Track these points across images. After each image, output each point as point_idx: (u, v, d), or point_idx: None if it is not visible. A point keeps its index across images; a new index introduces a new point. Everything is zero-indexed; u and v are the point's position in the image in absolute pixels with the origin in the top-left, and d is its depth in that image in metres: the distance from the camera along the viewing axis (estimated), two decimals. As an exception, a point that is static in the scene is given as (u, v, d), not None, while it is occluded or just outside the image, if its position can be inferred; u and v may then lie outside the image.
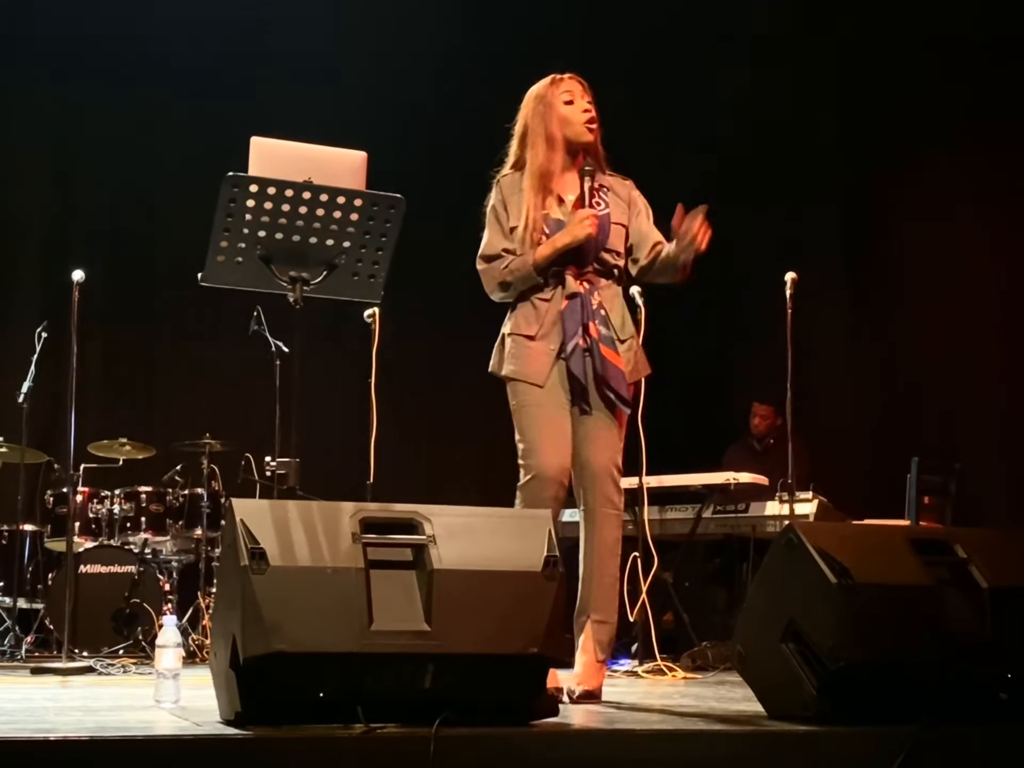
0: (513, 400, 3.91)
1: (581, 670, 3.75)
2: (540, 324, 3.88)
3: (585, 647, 3.78)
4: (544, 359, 3.86)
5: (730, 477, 6.18)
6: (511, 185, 3.96)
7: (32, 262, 7.75)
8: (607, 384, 3.81)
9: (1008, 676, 3.02)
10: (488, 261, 3.94)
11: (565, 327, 3.83)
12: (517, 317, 3.94)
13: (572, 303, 3.85)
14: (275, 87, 7.76)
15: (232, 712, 2.68)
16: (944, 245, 6.97)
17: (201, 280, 3.79)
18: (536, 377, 3.86)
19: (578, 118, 3.91)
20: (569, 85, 3.94)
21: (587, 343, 3.82)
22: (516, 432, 3.89)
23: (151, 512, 6.56)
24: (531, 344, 3.88)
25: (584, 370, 3.82)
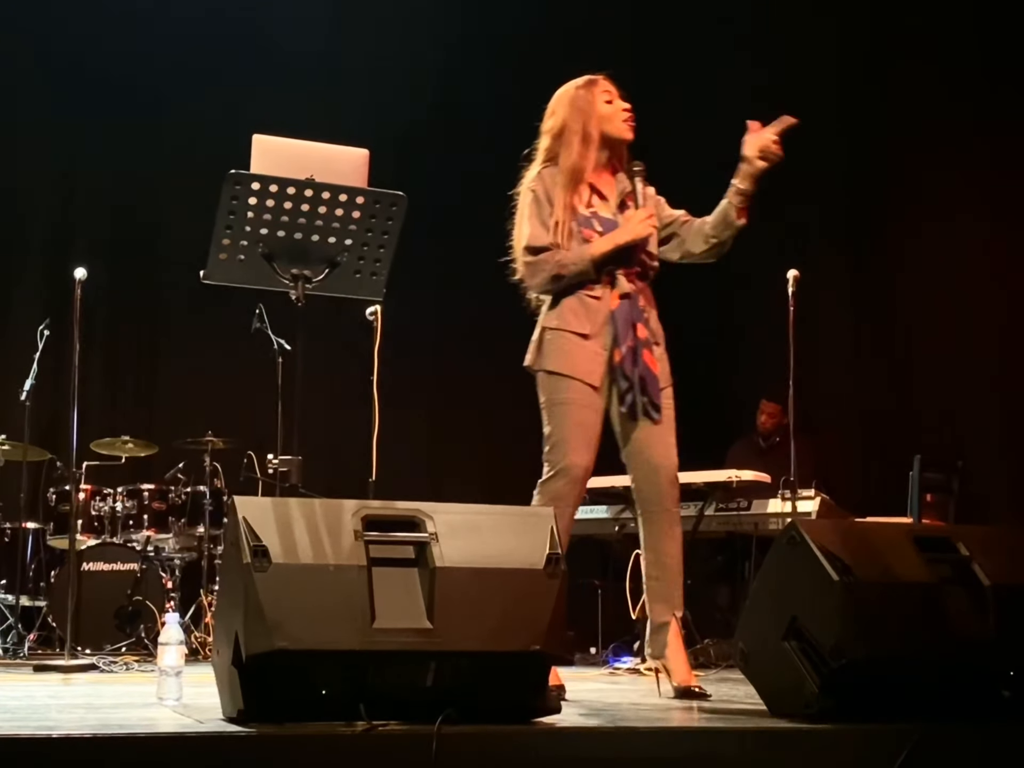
0: (550, 395, 3.87)
1: (684, 666, 3.82)
2: (592, 323, 3.86)
3: (676, 644, 3.84)
4: (598, 359, 3.85)
5: (732, 475, 6.17)
6: (552, 177, 3.93)
7: (34, 260, 7.75)
8: (644, 389, 3.84)
9: (1011, 674, 3.02)
10: (535, 253, 3.88)
11: (618, 327, 3.83)
12: (564, 313, 3.89)
13: (623, 303, 3.86)
14: (277, 84, 7.75)
15: (235, 710, 2.68)
16: (946, 242, 6.97)
17: (203, 278, 3.79)
18: (589, 376, 3.84)
19: (619, 116, 3.93)
20: (605, 85, 3.98)
21: (634, 344, 3.84)
22: (546, 427, 3.87)
23: (153, 510, 6.56)
24: (584, 343, 3.85)
25: (633, 373, 3.83)
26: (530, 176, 3.98)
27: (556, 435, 3.83)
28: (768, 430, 7.30)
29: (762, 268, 6.77)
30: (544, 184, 3.92)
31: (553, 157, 3.97)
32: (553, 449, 3.83)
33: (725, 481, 6.19)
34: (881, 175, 7.42)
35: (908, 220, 7.25)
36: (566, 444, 3.81)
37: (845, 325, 7.61)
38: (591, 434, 3.84)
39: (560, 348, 3.86)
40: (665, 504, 3.87)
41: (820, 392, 7.25)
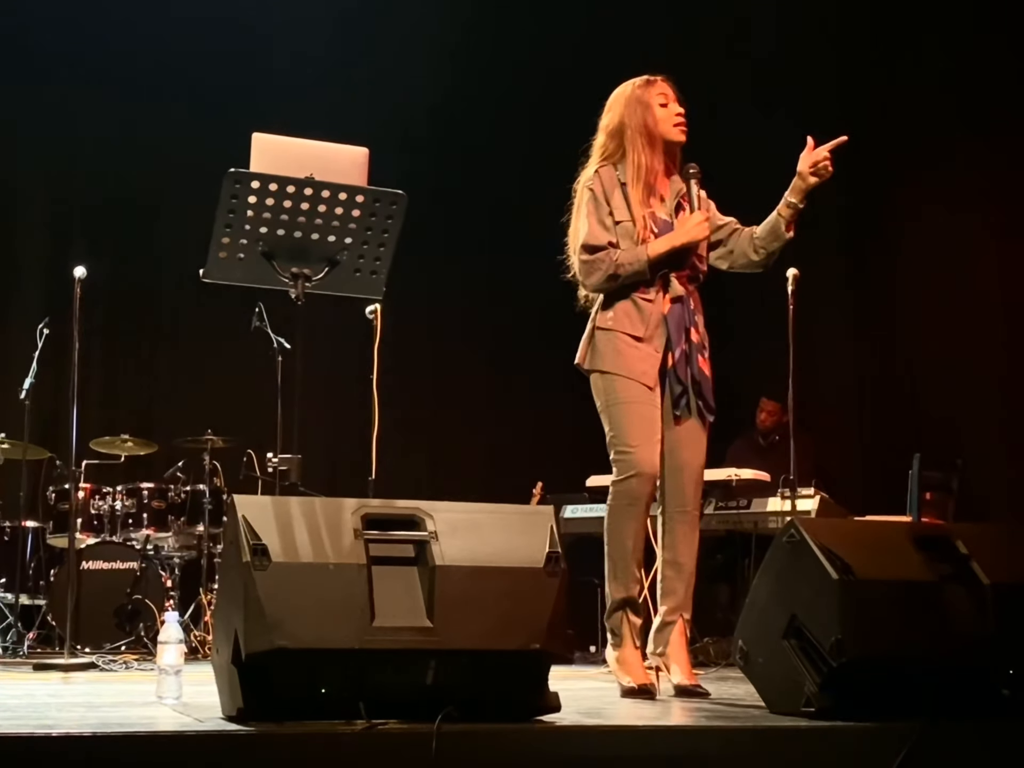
0: (609, 396, 3.89)
1: (684, 666, 3.85)
2: (646, 325, 3.89)
3: (679, 643, 3.88)
4: (652, 360, 3.88)
5: (732, 473, 6.17)
6: (611, 178, 3.94)
7: (34, 259, 7.75)
8: (700, 392, 3.90)
9: (1010, 672, 3.02)
10: (592, 252, 3.90)
11: (671, 331, 3.88)
12: (617, 314, 3.91)
13: (675, 307, 3.90)
14: (277, 83, 7.76)
15: (234, 708, 2.68)
16: (947, 241, 6.97)
17: (203, 276, 3.79)
18: (645, 378, 3.86)
19: (672, 120, 3.95)
20: (662, 88, 3.99)
21: (688, 348, 3.89)
22: (608, 429, 3.89)
23: (153, 508, 6.56)
24: (639, 345, 3.89)
25: (687, 376, 3.89)
26: (587, 174, 4.00)
27: (621, 436, 3.85)
28: (768, 428, 7.30)
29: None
30: (602, 183, 3.93)
31: (609, 155, 3.98)
32: (622, 451, 3.85)
33: (725, 480, 6.18)
34: (882, 174, 7.42)
35: (908, 219, 7.25)
36: (633, 443, 3.83)
37: (844, 323, 7.60)
38: (655, 429, 3.87)
39: (615, 349, 3.89)
40: (685, 505, 3.92)
41: (820, 390, 7.25)
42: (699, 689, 3.77)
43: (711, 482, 6.21)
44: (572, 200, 4.04)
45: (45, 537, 6.53)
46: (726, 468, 6.35)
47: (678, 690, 3.78)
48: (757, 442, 7.32)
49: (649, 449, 3.84)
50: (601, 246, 3.88)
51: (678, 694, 3.76)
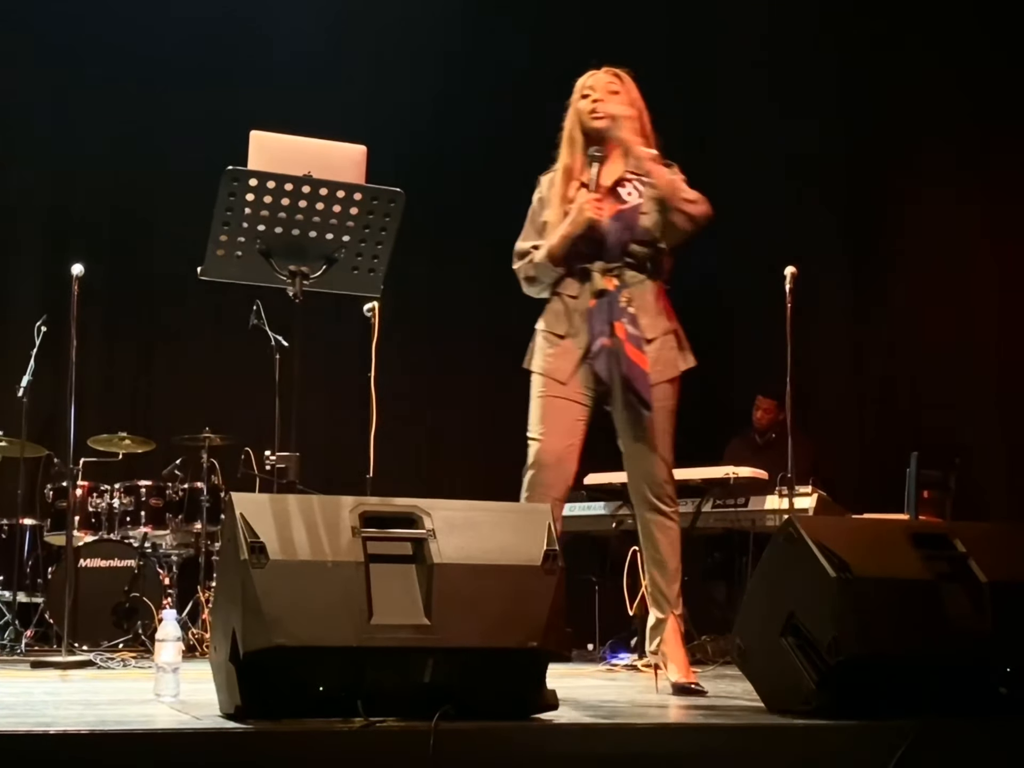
0: (533, 390, 3.94)
1: (680, 664, 3.84)
2: (569, 322, 3.90)
3: (674, 641, 3.86)
4: (572, 357, 3.89)
5: (729, 471, 6.17)
6: (548, 183, 4.01)
7: (31, 256, 7.74)
8: (630, 386, 3.82)
9: (1008, 670, 3.02)
10: (520, 258, 3.98)
11: (592, 326, 3.84)
12: (548, 314, 3.97)
13: (599, 302, 3.86)
14: (275, 81, 7.75)
15: (232, 706, 2.68)
16: (945, 239, 6.97)
17: (201, 274, 3.79)
18: (560, 374, 3.89)
19: (587, 109, 3.94)
20: (593, 80, 3.99)
21: (614, 343, 3.82)
22: (529, 424, 3.93)
23: (151, 506, 6.55)
24: (561, 342, 3.91)
25: (609, 371, 3.82)
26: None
27: (531, 426, 3.91)
28: (764, 426, 7.30)
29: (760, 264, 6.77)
30: (541, 191, 4.02)
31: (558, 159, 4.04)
32: (528, 439, 3.89)
33: (722, 478, 6.18)
34: (880, 171, 7.42)
35: (907, 216, 7.26)
36: (536, 432, 3.87)
37: (843, 321, 7.61)
38: (563, 422, 3.85)
39: (540, 348, 3.96)
40: (654, 502, 3.88)
41: (817, 388, 7.25)
42: (696, 687, 3.77)
43: (709, 480, 6.23)
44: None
45: (43, 535, 6.53)
46: (724, 466, 6.35)
47: (676, 688, 3.78)
48: (754, 440, 7.32)
49: (555, 439, 3.84)
50: (524, 251, 3.96)
51: (676, 692, 3.76)
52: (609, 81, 3.98)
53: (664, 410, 3.89)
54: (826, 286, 7.36)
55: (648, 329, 3.88)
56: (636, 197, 3.91)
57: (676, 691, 3.76)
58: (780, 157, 7.64)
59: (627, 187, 3.92)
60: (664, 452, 3.89)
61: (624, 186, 3.92)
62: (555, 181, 3.97)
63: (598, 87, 3.97)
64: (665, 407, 3.89)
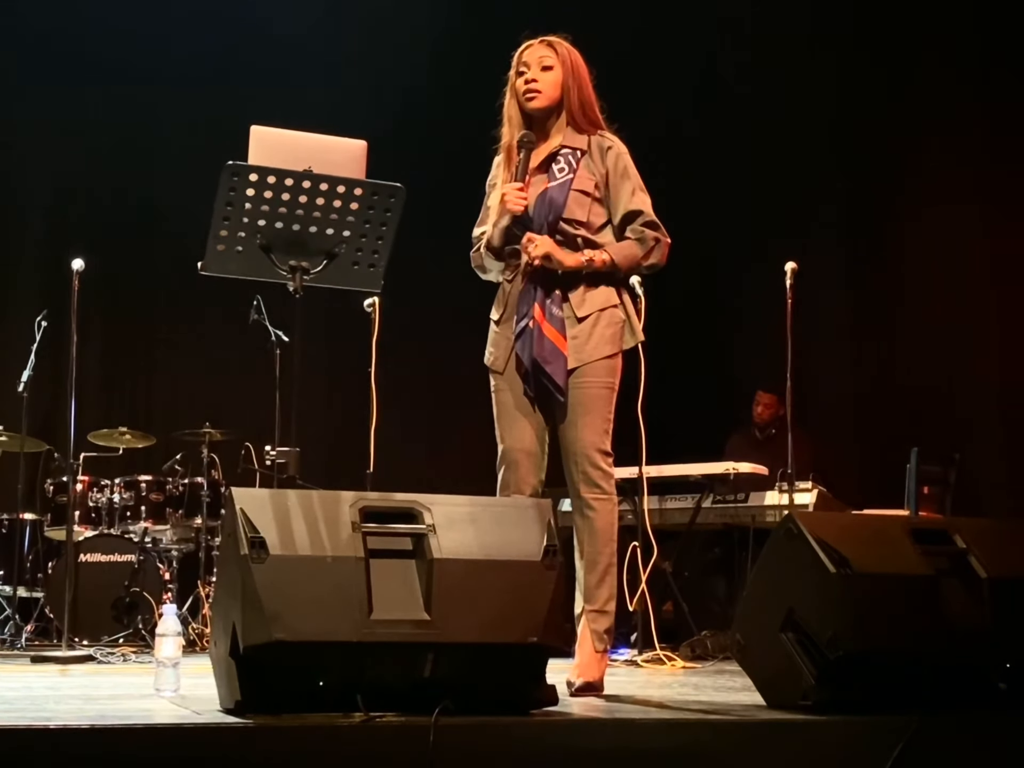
0: (490, 385, 3.92)
1: (579, 661, 3.65)
2: (504, 308, 3.85)
3: (582, 636, 3.68)
4: (504, 343, 3.83)
5: (729, 467, 6.18)
6: (496, 167, 3.93)
7: (32, 251, 7.75)
8: (540, 369, 3.69)
9: (1007, 666, 3.02)
10: (473, 249, 3.93)
11: (517, 309, 3.78)
12: (494, 301, 3.92)
13: (528, 284, 3.77)
14: (275, 76, 7.75)
15: (232, 701, 2.68)
16: (946, 235, 6.97)
17: (201, 269, 3.79)
18: (496, 364, 3.85)
19: (521, 90, 3.83)
20: (528, 54, 3.85)
21: (529, 324, 3.72)
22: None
23: (151, 501, 6.56)
24: (496, 329, 3.87)
25: (525, 354, 3.73)
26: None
27: (496, 425, 3.88)
28: (764, 421, 7.30)
29: (760, 260, 6.77)
30: (491, 176, 3.95)
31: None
32: (498, 440, 3.87)
33: (722, 473, 6.20)
34: (880, 166, 7.42)
35: (907, 212, 7.26)
36: (497, 431, 3.85)
37: (843, 317, 7.61)
38: (513, 416, 3.81)
39: (488, 339, 3.91)
40: (579, 489, 3.71)
41: (818, 384, 7.26)
42: (594, 686, 3.57)
43: (709, 475, 6.24)
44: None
45: (43, 529, 6.54)
46: (724, 462, 6.36)
47: (572, 688, 3.56)
48: (754, 436, 7.33)
49: (509, 437, 3.82)
50: (476, 238, 3.91)
51: (574, 692, 3.54)
52: (542, 56, 3.83)
53: (596, 387, 3.73)
54: (826, 282, 7.36)
55: (580, 307, 3.75)
56: (567, 172, 3.78)
57: (573, 690, 3.54)
58: (780, 153, 7.64)
59: (560, 161, 3.80)
60: (592, 434, 3.71)
61: (557, 161, 3.80)
62: (500, 163, 3.88)
63: (532, 62, 3.83)
64: (596, 384, 3.73)
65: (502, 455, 3.83)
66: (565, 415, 3.73)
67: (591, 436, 3.71)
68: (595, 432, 3.72)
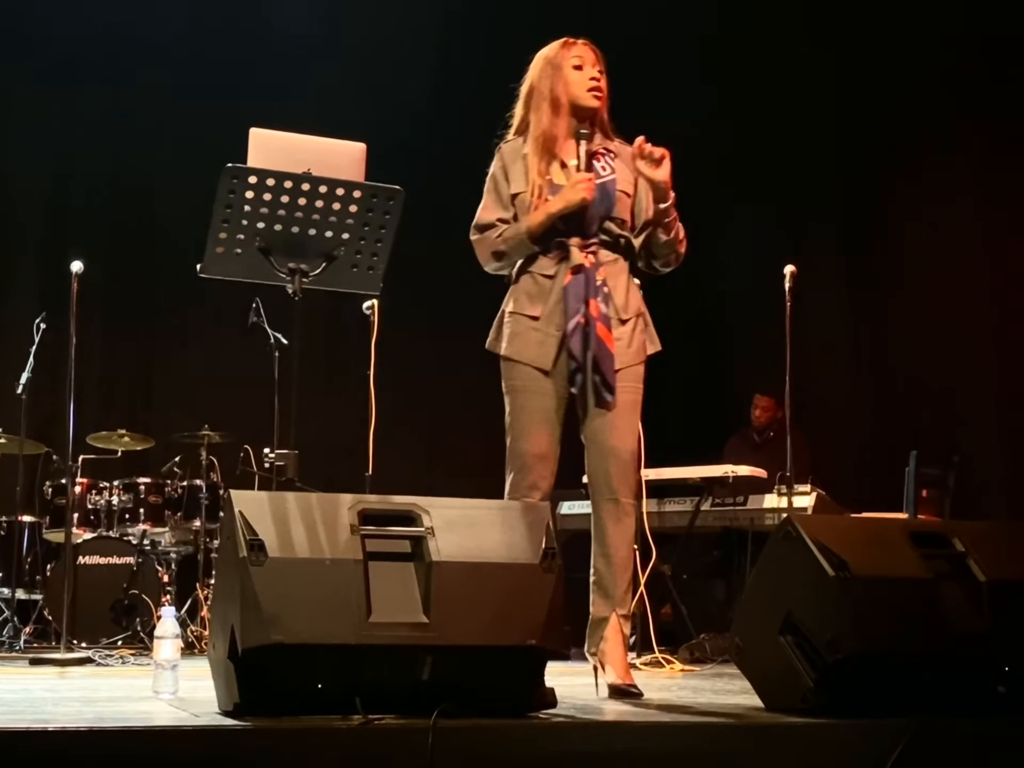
0: (508, 381, 3.74)
1: (619, 664, 3.62)
2: (544, 303, 3.69)
3: (615, 640, 3.65)
4: (550, 341, 3.68)
5: (728, 470, 6.18)
6: (512, 152, 3.78)
7: (31, 253, 7.75)
8: (596, 367, 3.64)
9: (1006, 669, 3.02)
10: (481, 231, 3.75)
11: (568, 304, 3.65)
12: (519, 294, 3.75)
13: (576, 278, 3.66)
14: (274, 78, 7.76)
15: (230, 703, 2.68)
16: (942, 238, 6.98)
17: (200, 271, 3.79)
18: (541, 361, 3.68)
19: (585, 84, 3.75)
20: (581, 51, 3.79)
21: (585, 321, 3.64)
22: (507, 415, 3.74)
23: (150, 503, 6.56)
24: (535, 325, 3.70)
25: (581, 350, 3.64)
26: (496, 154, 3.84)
27: (511, 424, 3.71)
28: (762, 424, 7.31)
29: (759, 263, 6.77)
30: (503, 160, 3.79)
31: (519, 124, 3.83)
32: (510, 439, 3.71)
33: (721, 476, 6.19)
34: (878, 169, 7.43)
35: (906, 214, 7.26)
36: (517, 432, 3.69)
37: (841, 319, 7.61)
38: (542, 419, 3.68)
39: (514, 332, 3.73)
40: (613, 493, 3.67)
41: (817, 387, 7.26)
42: (633, 689, 3.56)
43: (708, 478, 6.24)
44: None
45: (42, 532, 6.54)
46: (722, 465, 6.36)
47: (612, 690, 3.59)
48: (752, 439, 7.33)
49: (534, 439, 3.66)
50: (488, 223, 3.73)
51: (612, 694, 3.57)
52: (595, 58, 3.80)
53: (632, 392, 3.72)
54: (825, 285, 7.36)
55: (622, 310, 3.74)
56: (609, 172, 3.75)
57: (612, 693, 3.58)
58: (779, 155, 7.65)
59: (600, 161, 3.77)
60: (631, 439, 3.70)
61: (599, 159, 3.77)
62: (528, 150, 3.75)
63: (588, 60, 3.78)
64: (633, 389, 3.73)
65: (517, 457, 3.69)
66: (603, 418, 3.68)
67: (631, 441, 3.71)
68: (633, 437, 3.72)
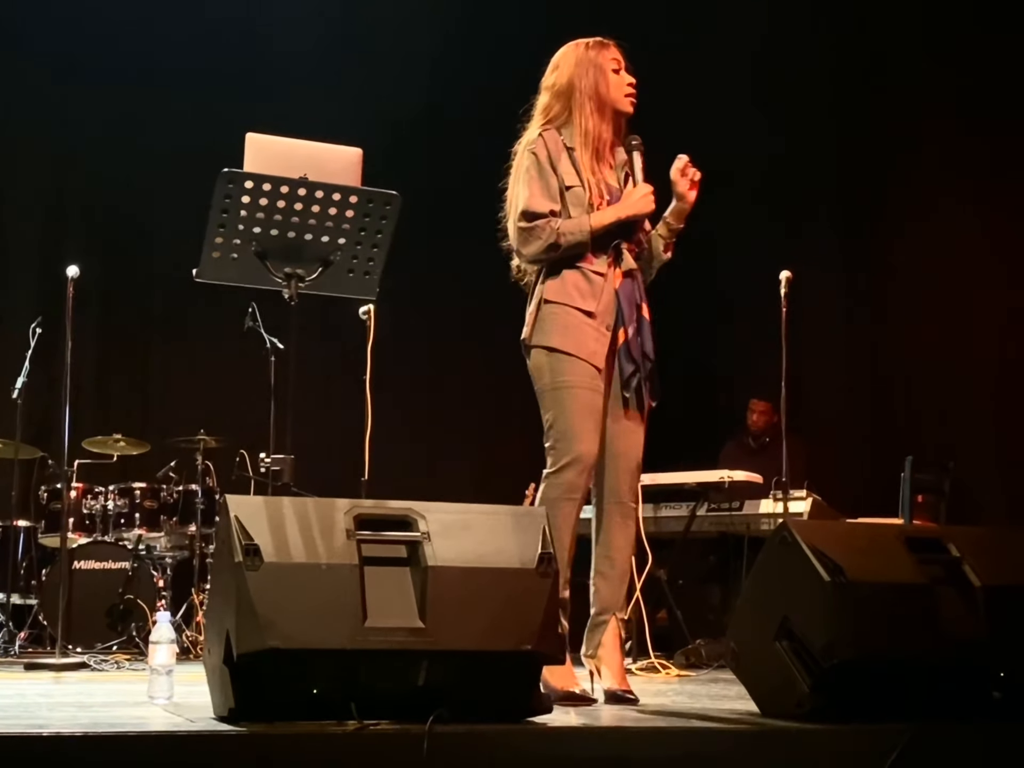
0: (554, 377, 3.64)
1: (615, 668, 3.64)
2: (597, 300, 3.64)
3: (612, 645, 3.66)
4: (603, 339, 3.64)
5: (724, 475, 6.18)
6: (556, 142, 3.72)
7: (26, 258, 7.74)
8: (649, 373, 3.67)
9: (1001, 675, 3.02)
10: (531, 219, 3.66)
11: (623, 307, 3.63)
12: (567, 286, 3.67)
13: (627, 281, 3.67)
14: (271, 82, 7.76)
15: (226, 708, 2.67)
16: (941, 243, 6.98)
17: (196, 276, 3.79)
18: (594, 358, 3.63)
19: (624, 88, 3.77)
20: (616, 53, 3.80)
21: (639, 325, 3.65)
22: (547, 412, 3.66)
23: (145, 508, 6.55)
24: (590, 321, 3.64)
25: (640, 354, 3.65)
26: (529, 137, 3.78)
27: (562, 422, 3.61)
28: (759, 429, 7.31)
29: (755, 268, 6.78)
30: (547, 147, 3.71)
31: (553, 117, 3.78)
32: (560, 438, 3.60)
33: (717, 481, 6.20)
34: (875, 175, 7.43)
35: (902, 221, 7.27)
36: (573, 432, 3.59)
37: (837, 325, 7.62)
38: (598, 419, 3.63)
39: (564, 324, 3.64)
40: (621, 497, 3.70)
41: (812, 392, 7.26)
42: (629, 695, 3.56)
43: (704, 484, 6.24)
44: (511, 163, 3.82)
45: (37, 537, 6.53)
46: (718, 470, 6.36)
47: (607, 695, 3.59)
48: (748, 444, 7.33)
49: (591, 439, 3.60)
50: (542, 213, 3.66)
51: (607, 700, 3.58)
52: (628, 65, 3.81)
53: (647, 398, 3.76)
54: (821, 290, 7.37)
55: (647, 312, 3.76)
56: (632, 184, 3.78)
57: (608, 699, 3.58)
58: (775, 160, 7.65)
59: (625, 169, 3.82)
60: (639, 445, 3.74)
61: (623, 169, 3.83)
62: (576, 145, 3.71)
63: (623, 65, 3.80)
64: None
65: (578, 458, 3.60)
66: (620, 423, 3.69)
67: (640, 446, 3.74)
68: (642, 443, 3.74)
